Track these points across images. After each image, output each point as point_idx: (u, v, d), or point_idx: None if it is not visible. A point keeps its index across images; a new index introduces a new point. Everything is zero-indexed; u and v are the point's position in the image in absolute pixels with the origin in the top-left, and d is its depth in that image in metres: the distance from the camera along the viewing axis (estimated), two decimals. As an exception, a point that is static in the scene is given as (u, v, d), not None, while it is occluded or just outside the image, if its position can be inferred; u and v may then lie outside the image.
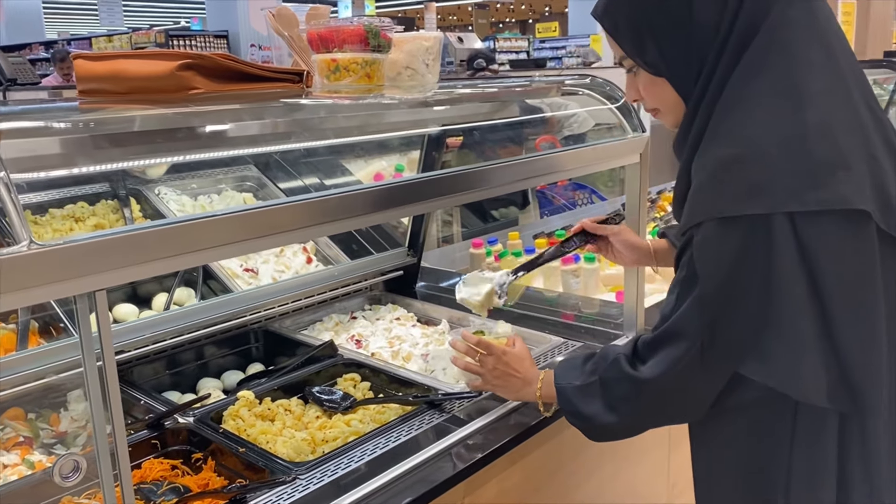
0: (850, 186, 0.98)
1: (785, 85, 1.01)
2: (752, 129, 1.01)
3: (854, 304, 1.00)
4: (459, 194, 1.47)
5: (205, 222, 0.99)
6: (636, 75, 1.18)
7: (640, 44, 1.11)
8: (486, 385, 1.48)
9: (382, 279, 2.31)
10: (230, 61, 1.17)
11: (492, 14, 27.18)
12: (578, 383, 1.25)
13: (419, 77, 1.57)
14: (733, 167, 1.00)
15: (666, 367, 1.11)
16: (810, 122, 0.99)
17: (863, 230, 0.99)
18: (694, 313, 1.06)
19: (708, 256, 1.03)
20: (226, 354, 1.98)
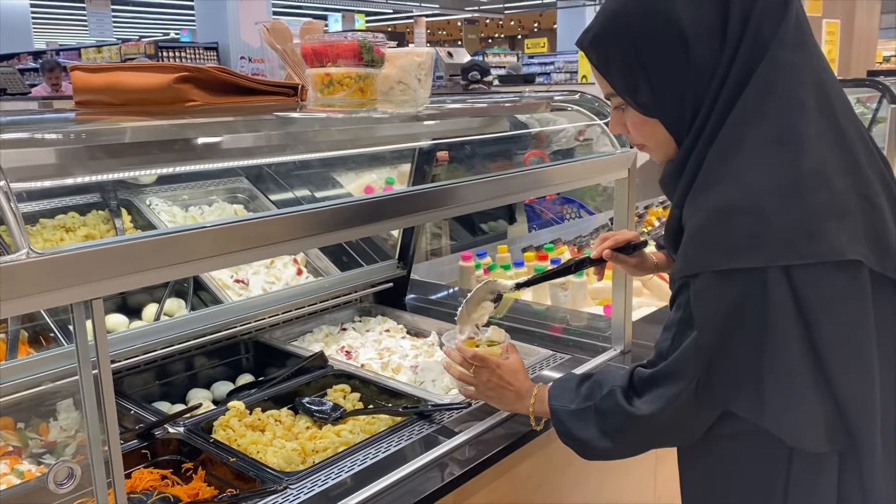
0: (843, 236, 0.98)
1: (780, 131, 1.01)
2: (746, 177, 1.00)
3: (850, 351, 1.01)
4: (449, 207, 1.49)
5: (201, 233, 1.01)
6: (624, 112, 1.15)
7: (633, 83, 1.09)
8: (480, 396, 1.50)
9: (372, 291, 2.33)
10: (226, 74, 1.19)
11: (481, 29, 27.34)
12: (574, 407, 1.26)
13: (411, 92, 1.59)
14: (728, 218, 1.00)
15: (662, 404, 1.12)
16: (805, 169, 0.99)
17: (856, 278, 0.99)
18: (691, 355, 1.07)
19: (705, 307, 1.04)
20: (216, 365, 1.98)
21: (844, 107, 1.07)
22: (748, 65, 1.02)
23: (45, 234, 1.95)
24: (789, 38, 1.03)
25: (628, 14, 1.06)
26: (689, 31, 1.02)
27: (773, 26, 1.02)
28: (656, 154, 1.17)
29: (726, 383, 1.06)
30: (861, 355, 1.02)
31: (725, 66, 1.03)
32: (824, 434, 1.03)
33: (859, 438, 1.03)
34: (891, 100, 4.17)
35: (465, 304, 1.64)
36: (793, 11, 1.04)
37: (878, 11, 9.39)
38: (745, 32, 1.02)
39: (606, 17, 1.10)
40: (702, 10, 1.02)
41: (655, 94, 1.08)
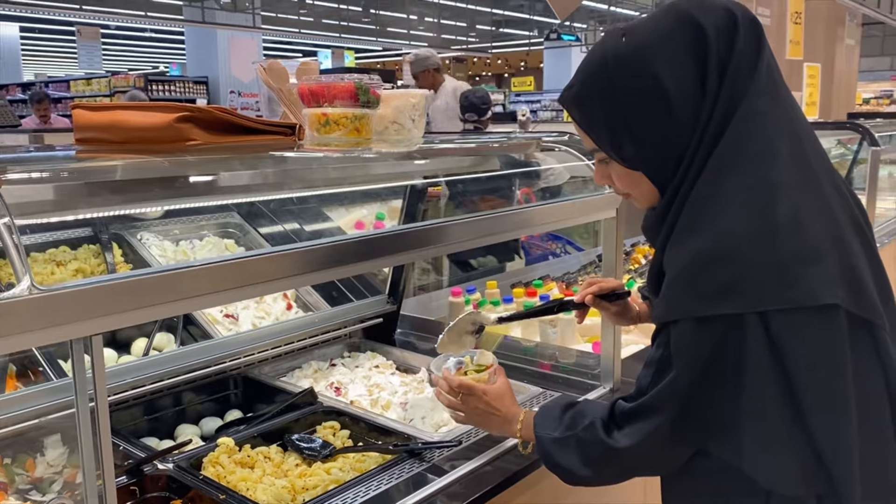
0: (819, 280, 1.00)
1: (756, 179, 1.04)
2: (723, 224, 1.03)
3: (826, 396, 1.03)
4: (442, 245, 1.51)
5: (195, 271, 1.02)
6: (608, 164, 1.17)
7: (616, 140, 1.11)
8: (469, 422, 1.50)
9: (362, 326, 2.33)
10: (226, 114, 1.22)
11: (469, 67, 27.69)
12: (556, 435, 1.28)
13: (405, 132, 1.62)
14: (706, 265, 1.03)
15: (639, 438, 1.15)
16: (781, 215, 1.02)
17: (833, 322, 1.02)
18: (669, 393, 1.10)
19: (684, 352, 1.07)
20: (204, 401, 1.97)
21: (817, 153, 1.11)
22: (725, 116, 1.05)
23: (35, 268, 1.95)
24: (762, 87, 1.06)
25: (609, 72, 1.09)
26: (670, 87, 1.05)
27: (746, 78, 1.05)
28: (640, 202, 1.21)
29: (702, 425, 1.09)
30: (837, 400, 1.04)
31: (706, 118, 1.06)
32: (800, 478, 1.05)
33: (838, 482, 1.04)
34: (871, 142, 4.26)
35: (447, 332, 1.66)
36: (765, 61, 1.07)
37: (857, 55, 9.63)
38: (721, 85, 1.05)
39: (587, 74, 1.12)
40: (682, 67, 1.05)
41: (639, 149, 1.11)
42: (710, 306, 1.02)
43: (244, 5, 11.62)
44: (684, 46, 1.05)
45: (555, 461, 1.28)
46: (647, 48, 1.07)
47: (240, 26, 11.50)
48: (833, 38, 8.35)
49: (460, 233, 1.54)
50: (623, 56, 1.07)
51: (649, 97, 1.06)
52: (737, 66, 1.05)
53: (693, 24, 1.06)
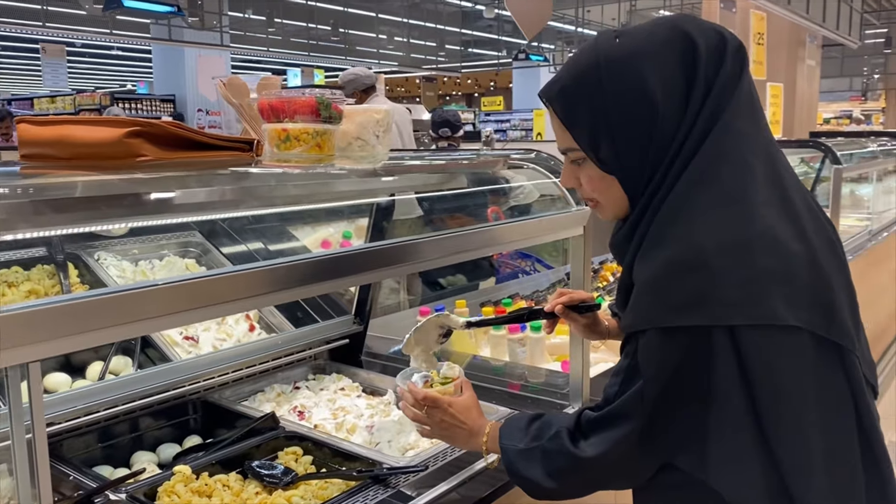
0: (786, 301, 1.00)
1: (731, 195, 1.03)
2: (696, 236, 1.02)
3: (787, 415, 1.02)
4: (407, 264, 1.47)
5: (147, 291, 0.97)
6: (580, 166, 1.16)
7: (596, 140, 1.10)
8: (435, 435, 1.46)
9: (327, 348, 2.28)
10: (180, 129, 1.17)
11: (439, 87, 27.83)
12: (521, 447, 1.26)
13: (369, 148, 1.59)
14: (676, 275, 1.02)
15: (605, 448, 1.13)
16: (755, 232, 1.01)
17: (798, 344, 1.01)
18: (637, 402, 1.08)
19: (651, 362, 1.06)
20: (162, 426, 1.90)
21: (791, 177, 1.11)
22: (704, 131, 1.05)
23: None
24: (742, 107, 1.07)
25: (599, 71, 1.08)
26: (658, 95, 1.05)
27: (728, 96, 1.06)
28: (606, 211, 1.19)
29: (668, 437, 1.08)
30: (799, 420, 1.02)
31: (685, 131, 1.05)
32: (766, 494, 1.03)
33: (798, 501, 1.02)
34: (833, 160, 4.33)
35: (414, 332, 1.62)
36: (745, 82, 1.08)
37: (818, 76, 9.85)
38: (706, 101, 1.05)
39: (577, 71, 1.11)
40: (671, 76, 1.06)
41: (618, 152, 1.09)
42: (677, 317, 1.01)
43: (212, 24, 11.55)
44: (675, 58, 1.06)
45: (519, 473, 1.26)
46: (640, 53, 1.06)
47: (207, 44, 11.42)
48: (794, 59, 8.53)
49: (426, 251, 1.50)
50: (615, 57, 1.07)
51: (636, 101, 1.06)
52: (722, 86, 1.06)
53: (687, 38, 1.06)
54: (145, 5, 6.58)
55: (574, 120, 1.12)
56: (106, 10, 6.45)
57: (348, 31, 14.23)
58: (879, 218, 5.55)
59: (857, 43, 10.23)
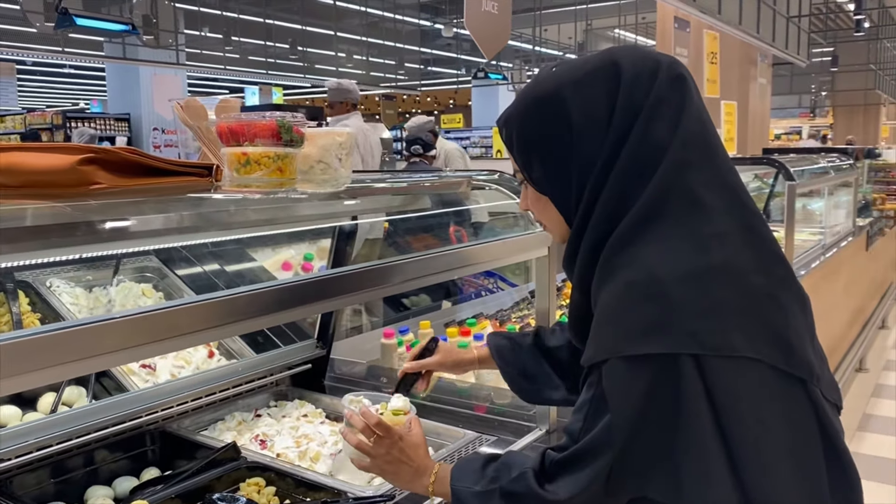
0: (744, 333, 1.01)
1: (688, 229, 1.04)
2: (653, 265, 1.02)
3: (751, 445, 1.01)
4: (372, 290, 1.45)
5: (102, 326, 0.93)
6: (527, 188, 1.21)
7: (528, 161, 1.16)
8: (375, 469, 1.39)
9: (289, 374, 2.23)
10: (135, 155, 1.13)
11: (399, 104, 27.89)
12: (478, 489, 1.20)
13: (332, 171, 1.56)
14: (634, 303, 1.01)
15: (576, 489, 1.09)
16: (711, 264, 1.02)
17: (757, 375, 1.02)
18: (604, 438, 1.05)
19: (616, 391, 1.04)
20: (118, 459, 1.84)
21: (750, 205, 1.11)
22: (640, 161, 1.05)
23: (-72, 321, 1.79)
24: (691, 137, 1.07)
25: (527, 98, 1.15)
26: (575, 118, 1.08)
27: (670, 127, 1.06)
28: (552, 233, 1.22)
29: (639, 466, 1.05)
30: (761, 451, 1.02)
31: (607, 156, 1.06)
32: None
33: None
34: (787, 176, 4.41)
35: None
36: (691, 114, 1.08)
37: (769, 94, 10.10)
38: (632, 128, 1.06)
39: (516, 98, 1.19)
40: (590, 101, 1.08)
41: (546, 174, 1.14)
42: (638, 345, 1.00)
43: (167, 42, 11.40)
44: (599, 83, 1.08)
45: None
46: (565, 80, 1.11)
47: (163, 63, 11.25)
48: (747, 78, 8.73)
49: (392, 275, 1.48)
50: (544, 84, 1.13)
51: (554, 123, 1.10)
52: (652, 112, 1.05)
53: (614, 66, 1.09)
54: (99, 24, 6.45)
55: (511, 143, 1.18)
56: (58, 28, 6.31)
57: (307, 50, 14.18)
58: (831, 231, 5.69)
59: (806, 62, 10.52)
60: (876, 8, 13.53)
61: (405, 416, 1.43)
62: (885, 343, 6.72)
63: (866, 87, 17.46)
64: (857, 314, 6.11)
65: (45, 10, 8.76)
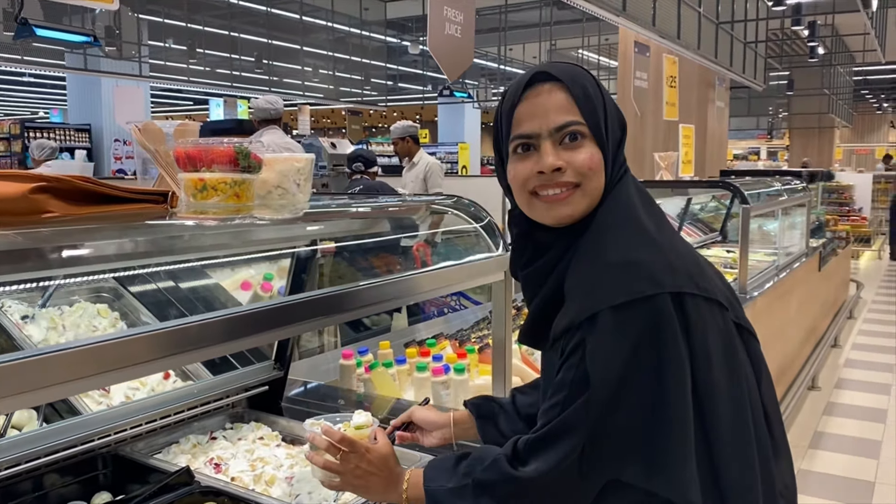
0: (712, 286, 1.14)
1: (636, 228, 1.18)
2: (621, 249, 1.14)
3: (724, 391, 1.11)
4: (332, 316, 1.46)
5: (61, 356, 0.93)
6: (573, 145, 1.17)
7: (596, 118, 1.18)
8: (346, 486, 1.37)
9: (246, 395, 2.22)
10: (88, 183, 1.13)
11: (364, 119, 27.89)
12: (451, 485, 1.21)
13: (290, 196, 1.57)
14: (615, 268, 1.11)
15: (548, 467, 1.10)
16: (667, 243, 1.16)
17: (724, 318, 1.15)
18: (580, 416, 1.08)
19: (602, 350, 1.07)
20: (68, 483, 1.81)
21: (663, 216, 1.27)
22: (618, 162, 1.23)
23: None
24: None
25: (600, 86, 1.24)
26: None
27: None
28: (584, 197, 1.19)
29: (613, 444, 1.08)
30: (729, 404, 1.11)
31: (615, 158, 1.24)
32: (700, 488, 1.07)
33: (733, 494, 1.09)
34: (742, 200, 4.52)
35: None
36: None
37: (727, 116, 10.34)
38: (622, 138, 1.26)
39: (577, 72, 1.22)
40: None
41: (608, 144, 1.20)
42: (627, 292, 1.07)
43: (130, 53, 11.28)
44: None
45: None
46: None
47: (125, 74, 11.11)
48: (705, 101, 8.94)
49: (350, 302, 1.50)
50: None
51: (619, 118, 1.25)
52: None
53: None
54: (59, 35, 6.34)
55: (586, 95, 1.18)
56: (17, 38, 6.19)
57: (273, 63, 14.14)
58: (785, 252, 5.83)
59: (762, 86, 10.80)
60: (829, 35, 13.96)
61: (368, 429, 1.42)
62: (837, 361, 6.88)
63: (820, 111, 17.97)
64: (809, 333, 6.26)
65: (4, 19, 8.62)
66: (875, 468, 4.59)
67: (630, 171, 1.24)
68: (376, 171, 5.90)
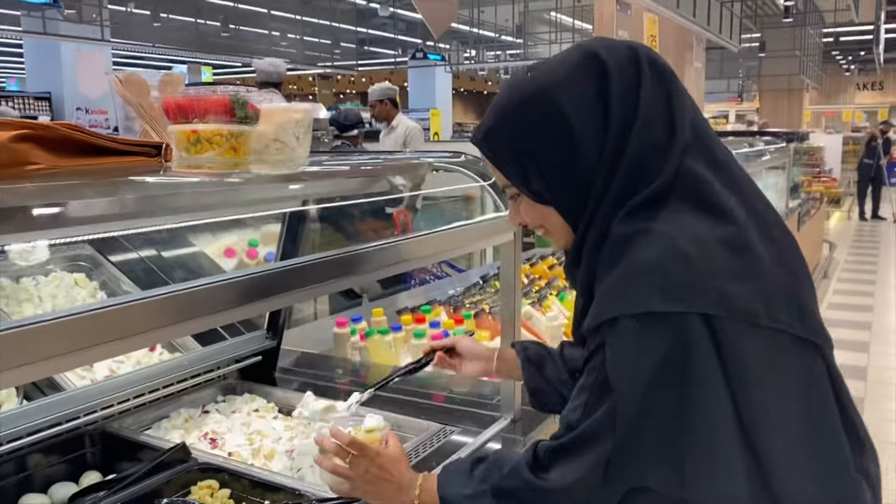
0: (763, 300, 0.99)
1: (693, 204, 1.01)
2: (665, 235, 0.99)
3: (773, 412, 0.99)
4: (331, 282, 1.36)
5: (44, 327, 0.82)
6: (518, 201, 1.15)
7: (524, 174, 1.09)
8: (355, 491, 1.30)
9: (238, 367, 2.11)
10: (77, 132, 1.01)
11: (334, 85, 27.44)
12: (469, 492, 1.15)
13: (288, 150, 1.45)
14: (647, 269, 0.98)
15: (572, 477, 1.04)
16: (726, 233, 1.00)
17: (776, 341, 1.00)
18: (605, 423, 1.01)
19: (623, 359, 0.99)
20: (54, 464, 1.70)
21: (746, 179, 1.10)
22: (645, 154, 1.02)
23: None
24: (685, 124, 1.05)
25: (513, 105, 1.09)
26: (573, 119, 1.04)
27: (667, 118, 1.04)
28: (556, 240, 1.17)
29: (642, 452, 1.00)
30: (779, 425, 0.99)
31: (611, 153, 1.03)
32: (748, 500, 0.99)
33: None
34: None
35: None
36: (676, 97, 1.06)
37: (704, 77, 10.29)
38: (633, 123, 1.02)
39: (495, 111, 1.12)
40: (583, 99, 1.04)
41: (547, 183, 1.09)
42: (652, 303, 0.95)
43: (91, 17, 10.85)
44: (586, 80, 1.05)
45: None
46: (551, 83, 1.06)
47: (86, 38, 10.69)
48: (683, 62, 8.85)
49: (355, 266, 1.40)
50: (528, 92, 1.07)
51: (554, 128, 1.05)
52: (647, 101, 1.03)
53: (594, 57, 1.05)
54: (16, -5, 6.03)
55: (500, 157, 1.12)
56: (-30, -1, 5.87)
57: (239, 28, 13.74)
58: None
59: (737, 46, 10.73)
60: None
61: (380, 432, 1.34)
62: (815, 321, 6.94)
63: (791, 73, 18.01)
64: (790, 293, 6.29)
65: (-45, -20, 8.21)
66: (859, 425, 4.64)
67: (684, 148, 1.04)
68: (357, 136, 5.66)
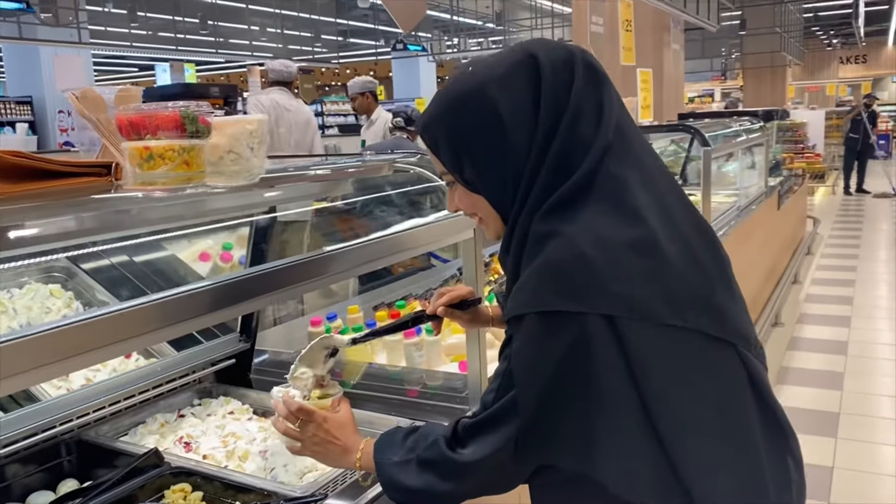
0: (668, 301, 1.03)
1: (609, 205, 1.06)
2: (577, 237, 1.04)
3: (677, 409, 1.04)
4: (297, 285, 1.40)
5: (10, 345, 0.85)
6: (454, 188, 1.22)
7: (458, 161, 1.16)
8: (306, 451, 1.42)
9: (213, 370, 2.15)
10: (23, 158, 1.04)
11: (317, 78, 27.35)
12: (397, 459, 1.26)
13: (243, 161, 1.48)
14: (557, 267, 1.04)
15: (483, 452, 1.14)
16: (635, 234, 1.05)
17: (684, 341, 1.05)
18: (511, 409, 1.10)
19: (526, 354, 1.07)
20: (31, 473, 1.73)
21: (665, 179, 1.16)
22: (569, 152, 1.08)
23: None
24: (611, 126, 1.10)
25: (450, 98, 1.15)
26: (505, 113, 1.09)
27: (594, 119, 1.10)
28: (487, 230, 1.23)
29: (549, 438, 1.08)
30: (693, 418, 1.05)
31: (540, 146, 1.09)
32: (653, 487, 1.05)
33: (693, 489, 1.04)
34: (702, 142, 4.50)
35: (299, 361, 1.54)
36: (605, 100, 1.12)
37: (683, 59, 10.32)
38: (560, 121, 1.08)
39: (435, 101, 1.19)
40: (517, 95, 1.11)
41: (479, 172, 1.15)
42: (555, 303, 1.02)
43: (68, 20, 10.79)
44: (519, 76, 1.11)
45: (394, 485, 1.25)
46: (487, 77, 1.12)
47: (63, 42, 10.64)
48: (661, 45, 8.88)
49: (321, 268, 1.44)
50: (468, 85, 1.13)
51: (487, 122, 1.11)
52: (577, 108, 1.09)
53: (531, 57, 1.11)
54: (-12, 2, 6.01)
55: (437, 145, 1.19)
56: (-58, 6, 5.84)
57: (217, 24, 13.67)
58: (745, 193, 5.87)
59: (716, 26, 10.76)
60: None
61: (330, 398, 1.43)
62: (798, 297, 7.03)
63: (773, 50, 18.05)
64: (771, 271, 6.36)
65: (-72, -13, 8.15)
66: (839, 399, 4.72)
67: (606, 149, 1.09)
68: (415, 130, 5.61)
